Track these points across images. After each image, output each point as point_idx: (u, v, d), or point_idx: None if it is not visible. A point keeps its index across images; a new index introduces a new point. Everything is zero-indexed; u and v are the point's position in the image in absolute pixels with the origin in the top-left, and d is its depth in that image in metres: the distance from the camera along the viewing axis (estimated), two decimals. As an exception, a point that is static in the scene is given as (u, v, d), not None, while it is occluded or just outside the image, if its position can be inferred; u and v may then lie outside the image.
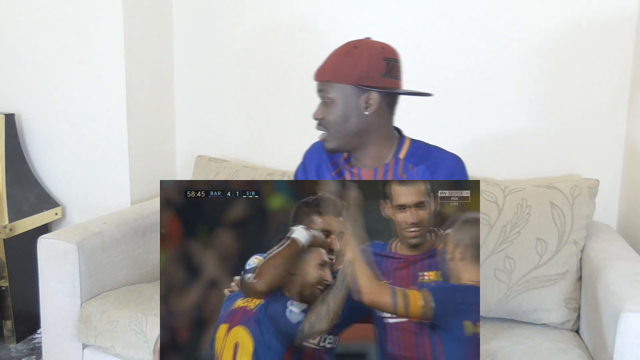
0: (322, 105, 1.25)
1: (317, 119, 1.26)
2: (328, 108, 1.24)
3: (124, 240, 1.89)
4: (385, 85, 1.22)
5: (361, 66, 1.20)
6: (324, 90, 1.24)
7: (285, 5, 2.22)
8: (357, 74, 1.20)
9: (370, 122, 1.24)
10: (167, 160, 2.48)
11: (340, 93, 1.22)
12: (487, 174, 2.00)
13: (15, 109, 2.37)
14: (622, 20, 1.84)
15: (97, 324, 1.71)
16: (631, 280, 1.38)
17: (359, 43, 1.24)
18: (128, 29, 2.16)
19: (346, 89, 1.21)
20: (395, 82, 1.25)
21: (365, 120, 1.23)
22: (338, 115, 1.23)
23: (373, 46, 1.23)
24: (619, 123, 1.89)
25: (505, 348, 1.51)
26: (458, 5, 1.99)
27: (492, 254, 1.70)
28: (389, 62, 1.23)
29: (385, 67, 1.22)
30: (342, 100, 1.22)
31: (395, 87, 1.26)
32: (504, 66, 1.97)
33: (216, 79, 2.39)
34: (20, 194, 2.25)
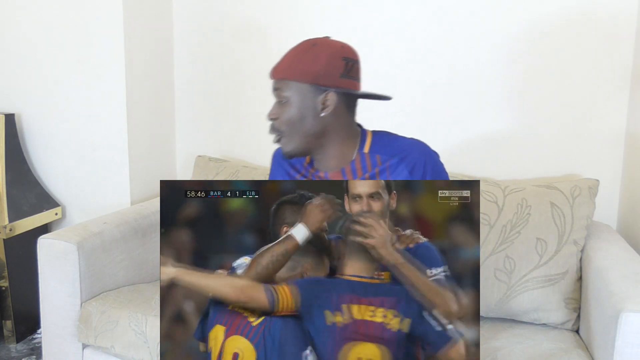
0: (277, 104, 1.21)
1: (271, 119, 1.22)
2: (283, 108, 1.19)
3: (124, 240, 1.89)
4: (343, 85, 1.18)
5: (319, 65, 1.16)
6: (280, 88, 1.19)
7: (285, 5, 2.23)
8: (315, 72, 1.16)
9: (328, 123, 1.20)
10: (167, 160, 2.48)
11: (297, 92, 1.18)
12: (487, 174, 2.01)
13: (15, 109, 2.37)
14: (622, 19, 1.84)
15: (97, 324, 1.71)
16: (631, 280, 1.38)
17: (317, 41, 1.20)
18: (128, 29, 2.16)
19: (303, 87, 1.17)
20: (353, 83, 1.21)
21: (321, 121, 1.19)
22: (293, 115, 1.18)
23: (332, 45, 1.19)
24: (619, 123, 1.89)
25: (505, 348, 1.51)
26: (456, 4, 1.99)
27: (492, 254, 1.70)
28: (347, 62, 1.18)
29: (344, 66, 1.17)
30: (298, 100, 1.18)
31: (353, 88, 1.21)
32: (504, 66, 1.97)
33: (216, 79, 2.39)
34: (20, 194, 2.25)
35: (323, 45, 1.18)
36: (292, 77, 1.18)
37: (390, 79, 2.07)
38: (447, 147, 2.07)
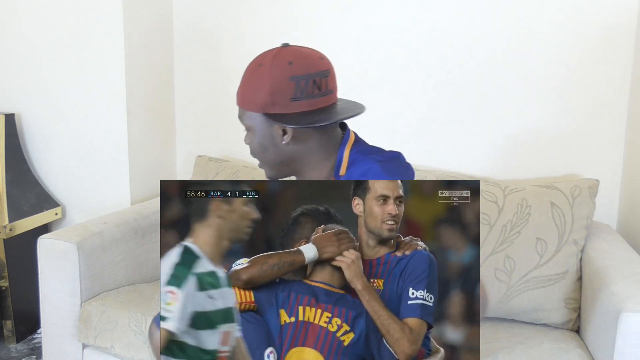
0: (246, 132, 1.11)
1: (247, 144, 1.13)
2: (249, 136, 1.10)
3: (124, 240, 1.89)
4: (296, 110, 1.02)
5: (263, 92, 1.02)
6: (240, 117, 1.09)
7: (286, 5, 2.22)
8: (261, 101, 1.03)
9: (293, 150, 1.08)
10: (167, 160, 2.48)
11: (253, 121, 1.06)
12: (487, 174, 2.01)
13: (15, 109, 2.37)
14: (622, 20, 1.84)
15: (97, 324, 1.71)
16: (631, 280, 1.38)
17: (264, 59, 1.05)
18: (128, 29, 2.16)
19: (255, 117, 1.05)
20: (312, 102, 1.03)
21: (284, 150, 1.08)
22: (255, 146, 1.09)
23: (278, 64, 1.02)
24: (619, 123, 1.89)
25: (505, 348, 1.51)
26: (456, 6, 1.99)
27: (492, 254, 1.70)
28: (298, 82, 1.01)
29: (294, 88, 1.01)
30: (257, 129, 1.07)
31: (313, 107, 1.04)
32: (504, 67, 1.97)
33: (216, 79, 2.39)
34: (20, 194, 2.25)
35: (267, 66, 1.03)
36: (244, 106, 1.07)
37: (390, 79, 2.08)
38: (447, 147, 2.07)
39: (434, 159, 2.07)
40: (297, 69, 1.02)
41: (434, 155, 2.07)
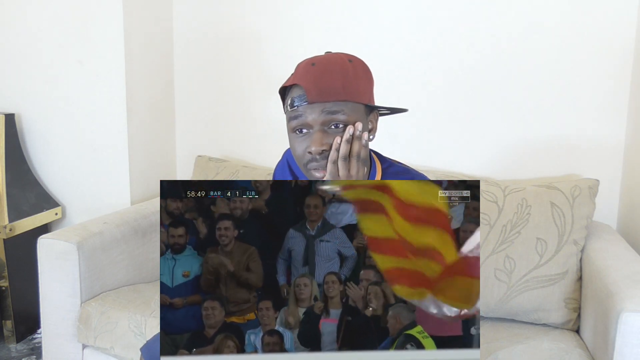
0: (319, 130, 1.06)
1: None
2: (329, 133, 1.06)
3: (124, 240, 1.89)
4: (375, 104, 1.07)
5: (365, 83, 1.06)
6: (331, 110, 1.02)
7: (285, 6, 2.23)
8: (368, 91, 1.07)
9: (365, 151, 1.06)
10: (167, 160, 2.48)
11: (355, 113, 1.04)
12: (487, 174, 2.01)
13: (15, 109, 2.37)
14: (622, 20, 1.84)
15: (96, 324, 1.71)
16: (631, 280, 1.38)
17: (345, 56, 1.05)
18: (128, 29, 2.16)
19: (359, 108, 1.05)
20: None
21: (367, 146, 1.06)
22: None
23: (362, 61, 1.06)
24: (618, 123, 1.89)
25: (505, 348, 1.51)
26: (456, 8, 1.99)
27: (492, 254, 1.70)
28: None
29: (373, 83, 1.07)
30: (359, 120, 1.05)
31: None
32: (504, 68, 1.97)
33: (216, 79, 2.39)
34: (20, 194, 2.25)
35: (357, 61, 1.04)
36: (349, 97, 1.00)
37: (390, 81, 2.07)
38: (447, 148, 2.07)
39: (434, 159, 2.07)
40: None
41: (434, 155, 2.07)
